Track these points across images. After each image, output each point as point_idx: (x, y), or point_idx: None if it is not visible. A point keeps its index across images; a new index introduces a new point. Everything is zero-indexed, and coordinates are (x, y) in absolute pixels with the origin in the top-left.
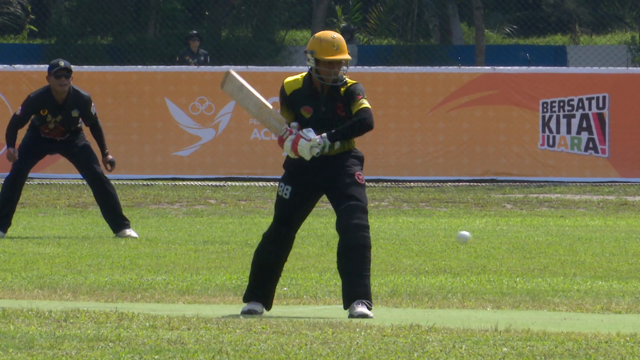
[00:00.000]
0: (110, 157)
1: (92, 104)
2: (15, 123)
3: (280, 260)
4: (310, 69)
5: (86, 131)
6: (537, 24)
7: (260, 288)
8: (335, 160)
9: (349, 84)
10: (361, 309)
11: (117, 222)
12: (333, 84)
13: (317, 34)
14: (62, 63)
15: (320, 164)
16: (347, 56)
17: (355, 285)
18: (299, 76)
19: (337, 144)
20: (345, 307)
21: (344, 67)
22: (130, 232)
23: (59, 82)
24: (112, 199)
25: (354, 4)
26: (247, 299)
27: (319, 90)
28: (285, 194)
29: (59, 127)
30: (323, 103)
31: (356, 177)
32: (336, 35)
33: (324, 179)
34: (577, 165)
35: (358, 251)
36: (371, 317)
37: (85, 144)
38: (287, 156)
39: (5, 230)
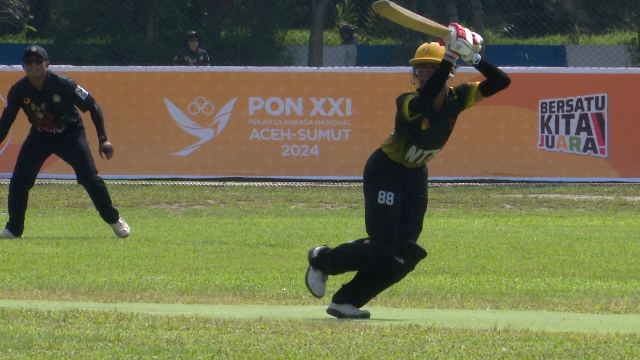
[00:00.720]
0: (106, 143)
1: (78, 87)
2: (3, 116)
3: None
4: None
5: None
6: (537, 24)
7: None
8: (419, 173)
9: (454, 89)
10: (353, 311)
11: (109, 214)
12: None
13: None
14: (33, 49)
15: (411, 173)
16: (430, 58)
17: (369, 295)
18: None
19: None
20: (341, 302)
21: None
22: (122, 225)
23: (30, 67)
24: (101, 197)
25: (349, 3)
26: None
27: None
28: (390, 201)
29: (47, 116)
30: (437, 117)
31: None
32: (434, 42)
33: (408, 191)
34: (576, 165)
35: (396, 280)
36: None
37: (82, 141)
38: (378, 161)
39: (18, 234)
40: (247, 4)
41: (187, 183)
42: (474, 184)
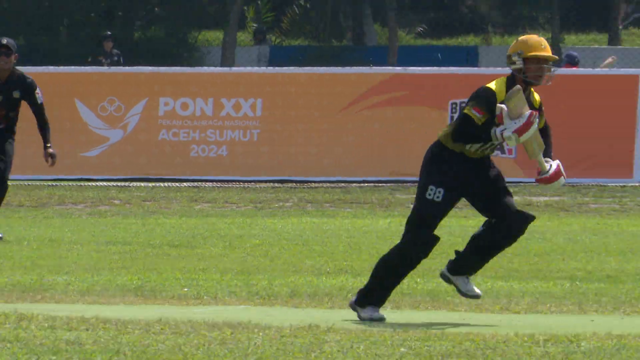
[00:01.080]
0: (50, 150)
1: (38, 90)
2: None
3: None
4: (514, 73)
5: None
6: (450, 25)
7: (388, 294)
8: (483, 163)
9: (538, 100)
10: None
11: None
12: (545, 84)
13: (521, 37)
14: (4, 41)
15: (479, 166)
16: (553, 56)
17: (481, 265)
18: (497, 85)
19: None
20: (465, 273)
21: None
22: None
23: None
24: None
25: (264, 4)
26: (374, 303)
27: None
28: (438, 197)
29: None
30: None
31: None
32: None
33: (480, 182)
34: None
35: (502, 249)
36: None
37: (12, 145)
38: (438, 152)
39: None
40: (161, 5)
41: (95, 184)
42: (381, 184)
